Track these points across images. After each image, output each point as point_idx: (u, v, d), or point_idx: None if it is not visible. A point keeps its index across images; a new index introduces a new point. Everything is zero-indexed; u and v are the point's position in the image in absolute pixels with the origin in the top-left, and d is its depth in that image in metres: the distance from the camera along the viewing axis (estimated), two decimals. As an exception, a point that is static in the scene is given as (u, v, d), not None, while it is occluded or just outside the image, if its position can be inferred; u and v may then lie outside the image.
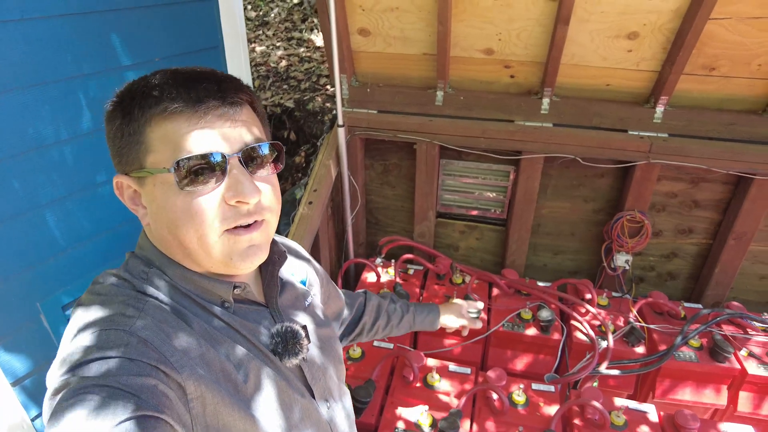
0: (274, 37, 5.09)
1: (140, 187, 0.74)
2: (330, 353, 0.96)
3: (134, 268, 0.77)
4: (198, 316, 0.75)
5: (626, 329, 2.25)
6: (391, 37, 2.34)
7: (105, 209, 2.13)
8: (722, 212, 2.49)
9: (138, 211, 0.77)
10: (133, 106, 0.70)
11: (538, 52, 2.25)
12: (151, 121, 0.69)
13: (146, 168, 0.71)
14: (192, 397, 0.67)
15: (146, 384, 0.61)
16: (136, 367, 0.62)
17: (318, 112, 3.87)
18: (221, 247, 0.72)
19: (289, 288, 0.93)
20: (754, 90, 2.21)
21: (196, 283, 0.76)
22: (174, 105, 0.68)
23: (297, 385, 0.84)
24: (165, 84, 0.70)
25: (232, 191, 0.70)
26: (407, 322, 1.43)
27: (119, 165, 0.75)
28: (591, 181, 2.54)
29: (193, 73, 0.72)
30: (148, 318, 0.69)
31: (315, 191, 2.25)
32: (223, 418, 0.69)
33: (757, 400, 2.14)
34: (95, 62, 1.97)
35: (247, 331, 0.79)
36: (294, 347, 0.81)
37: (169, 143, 0.69)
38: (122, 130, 0.71)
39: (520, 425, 1.79)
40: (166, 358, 0.66)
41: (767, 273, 2.60)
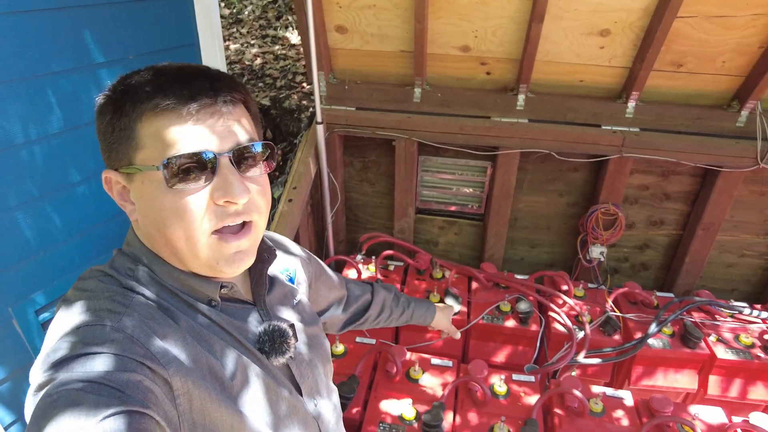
0: (249, 35, 5.03)
1: (129, 183, 0.73)
2: (317, 351, 0.96)
3: (121, 264, 0.76)
4: (184, 313, 0.75)
5: (602, 319, 2.31)
6: (368, 34, 2.34)
7: (79, 211, 2.08)
8: (691, 204, 2.58)
9: (126, 206, 0.76)
10: (124, 100, 0.69)
11: (514, 49, 2.29)
12: (142, 116, 0.68)
13: (135, 164, 0.70)
14: (178, 393, 0.66)
15: (132, 380, 0.61)
16: (122, 363, 0.62)
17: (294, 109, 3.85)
18: (208, 251, 0.71)
19: (277, 286, 0.93)
20: (719, 86, 2.29)
21: (183, 281, 0.76)
22: (166, 101, 0.67)
23: (284, 382, 0.84)
24: (158, 79, 0.69)
25: (221, 191, 0.69)
26: (406, 316, 1.46)
27: (108, 160, 0.73)
28: (566, 175, 2.60)
29: (187, 70, 0.71)
30: (134, 314, 0.68)
31: (294, 189, 2.24)
32: (209, 415, 0.69)
33: (725, 383, 2.23)
34: (66, 59, 1.92)
35: (234, 329, 0.79)
36: (281, 346, 0.81)
37: (160, 140, 0.68)
38: (113, 125, 0.70)
39: (502, 415, 1.83)
40: (152, 354, 0.66)
41: (733, 261, 2.71)
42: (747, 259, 2.69)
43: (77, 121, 1.98)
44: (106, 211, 2.11)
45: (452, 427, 1.83)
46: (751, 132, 2.31)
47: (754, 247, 2.65)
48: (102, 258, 2.04)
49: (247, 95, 0.75)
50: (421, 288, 2.50)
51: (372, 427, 1.82)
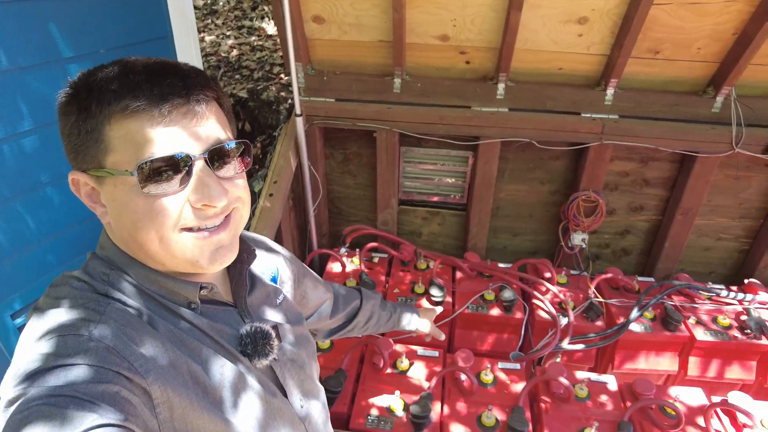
0: (224, 26, 4.93)
1: (99, 186, 0.69)
2: (303, 351, 0.94)
3: (95, 269, 0.73)
4: (163, 318, 0.72)
5: (585, 305, 2.34)
6: (346, 24, 2.31)
7: (53, 211, 2.02)
8: (670, 189, 2.62)
9: (96, 209, 0.72)
10: (90, 100, 0.65)
11: (492, 37, 2.28)
12: (110, 118, 0.64)
13: (106, 168, 0.67)
14: (158, 402, 0.64)
15: (108, 391, 0.59)
16: (97, 374, 0.60)
17: (272, 101, 3.79)
18: (185, 247, 0.69)
19: (258, 286, 0.90)
20: (694, 72, 2.32)
21: (161, 284, 0.73)
22: (136, 103, 0.63)
23: (269, 385, 0.82)
24: (126, 78, 0.65)
25: (198, 194, 0.67)
26: (393, 322, 1.47)
27: (75, 161, 0.70)
28: (546, 163, 2.61)
29: (155, 67, 0.67)
30: (109, 322, 0.65)
31: (275, 183, 2.21)
32: (192, 422, 0.67)
33: (704, 364, 2.28)
34: (32, 55, 1.85)
35: (215, 332, 0.77)
36: (264, 348, 0.80)
37: (131, 143, 0.65)
38: (78, 127, 0.66)
39: (489, 404, 1.84)
40: (130, 363, 0.63)
41: (710, 245, 2.76)
42: (723, 242, 2.75)
43: (47, 119, 1.92)
44: (81, 212, 2.05)
45: (440, 418, 1.84)
46: (726, 118, 2.35)
47: (730, 230, 2.71)
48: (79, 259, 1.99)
49: (219, 92, 0.73)
50: (406, 279, 2.50)
51: (360, 420, 1.82)
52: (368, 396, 1.90)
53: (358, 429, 1.80)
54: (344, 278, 2.46)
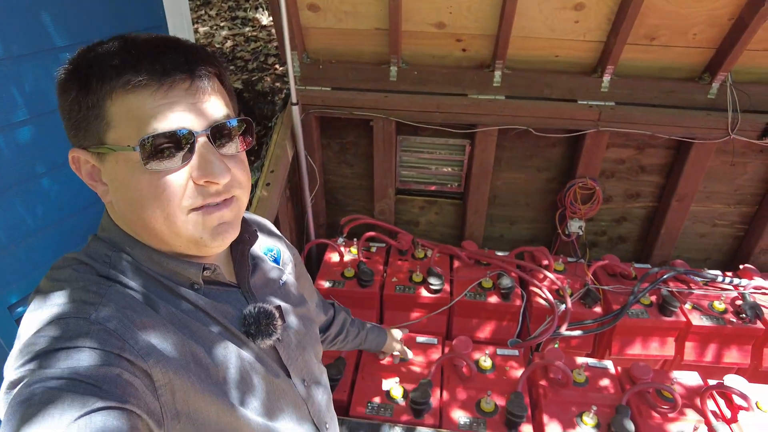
0: (218, 17, 4.90)
1: (100, 163, 0.69)
2: (306, 332, 0.94)
3: (96, 251, 0.73)
4: (166, 300, 0.72)
5: (583, 292, 2.35)
6: (341, 12, 2.29)
7: (48, 202, 2.01)
8: (666, 176, 2.63)
9: (97, 187, 0.72)
10: (90, 76, 0.64)
11: (489, 25, 2.27)
12: (112, 94, 0.64)
13: (107, 144, 0.66)
14: (159, 385, 0.65)
15: (109, 374, 0.59)
16: (99, 357, 0.60)
17: (268, 92, 3.77)
18: (190, 226, 0.69)
19: (261, 267, 0.90)
20: (691, 58, 2.32)
21: (164, 265, 0.73)
22: (138, 78, 0.63)
23: (272, 366, 0.83)
24: (127, 53, 0.64)
25: (200, 171, 0.66)
26: (360, 339, 1.50)
27: (75, 138, 0.69)
28: (543, 151, 2.62)
29: (157, 42, 0.66)
30: (110, 304, 0.65)
31: (272, 173, 2.20)
32: (194, 404, 0.68)
33: (700, 349, 2.30)
34: (25, 44, 1.83)
35: (218, 313, 0.77)
36: (267, 328, 0.80)
37: (133, 119, 0.64)
38: (79, 103, 0.65)
39: (488, 389, 1.85)
40: (131, 345, 0.63)
41: (706, 231, 2.78)
42: (719, 228, 2.76)
43: (42, 108, 1.90)
44: (78, 202, 2.04)
45: (440, 403, 1.85)
46: (722, 104, 2.35)
47: (725, 216, 2.72)
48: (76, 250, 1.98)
49: (221, 68, 0.72)
50: (404, 268, 2.50)
51: (360, 407, 1.83)
52: (368, 383, 1.91)
53: (358, 416, 1.81)
54: (342, 268, 2.46)
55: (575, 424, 1.80)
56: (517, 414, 1.76)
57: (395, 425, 1.68)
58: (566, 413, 1.83)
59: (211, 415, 0.70)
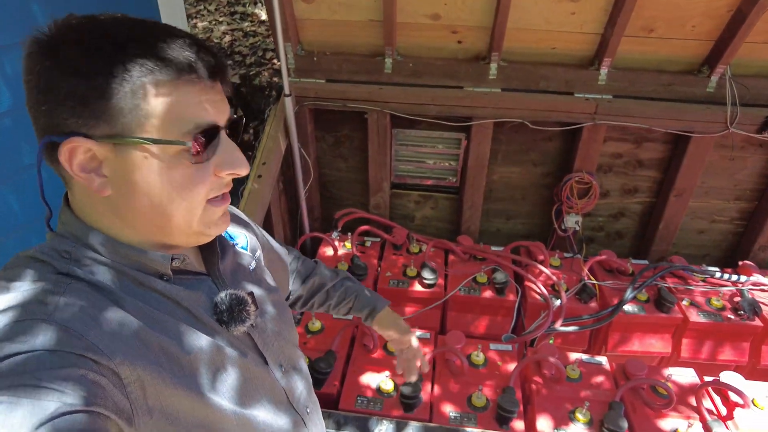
0: (217, 12, 4.88)
1: (114, 155, 0.65)
2: (280, 317, 0.93)
3: (55, 247, 0.69)
4: (132, 294, 0.70)
5: (578, 287, 2.32)
6: (335, 3, 2.27)
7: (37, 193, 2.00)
8: (664, 171, 2.60)
9: (92, 179, 0.66)
10: (126, 62, 0.61)
11: (484, 16, 2.24)
12: (155, 84, 0.62)
13: (138, 136, 0.63)
14: (128, 382, 0.62)
15: (72, 375, 0.56)
16: (59, 359, 0.57)
17: (265, 86, 3.75)
18: (204, 217, 0.71)
19: (230, 254, 0.88)
20: (689, 51, 2.29)
21: (131, 258, 0.71)
22: (193, 74, 0.64)
23: (247, 353, 0.80)
24: (162, 42, 0.63)
25: (227, 164, 0.70)
26: (345, 306, 1.32)
27: (83, 126, 0.63)
28: (540, 145, 2.59)
29: (179, 34, 0.67)
30: (70, 302, 0.62)
31: (264, 164, 2.18)
32: (166, 399, 0.66)
33: (698, 346, 2.27)
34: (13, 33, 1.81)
35: (189, 302, 0.75)
36: (240, 314, 0.77)
37: (171, 112, 0.64)
38: (108, 90, 0.61)
39: (479, 384, 1.83)
40: (94, 344, 0.60)
41: (705, 227, 2.74)
42: (718, 224, 2.73)
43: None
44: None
45: (431, 398, 1.83)
46: (721, 97, 2.32)
47: (724, 212, 2.69)
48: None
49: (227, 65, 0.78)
50: (398, 263, 2.48)
51: (350, 401, 1.81)
52: (358, 377, 1.89)
53: (347, 410, 1.79)
54: (336, 262, 2.44)
55: (568, 420, 1.77)
56: (508, 409, 1.74)
57: (383, 419, 1.65)
58: (559, 409, 1.81)
59: (185, 408, 0.68)
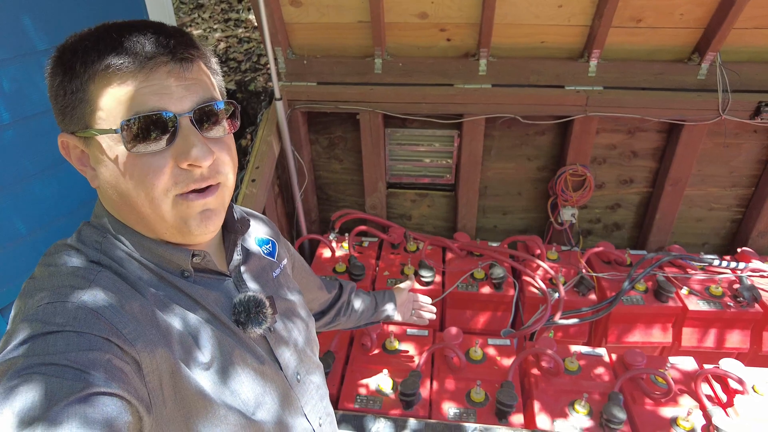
0: (211, 20, 4.90)
1: (87, 148, 0.69)
2: (299, 325, 0.93)
3: (88, 237, 0.73)
4: (155, 287, 0.72)
5: (576, 279, 2.32)
6: (323, 6, 2.28)
7: (38, 205, 2.02)
8: (659, 160, 2.59)
9: (86, 172, 0.72)
10: (74, 61, 0.65)
11: (472, 13, 2.25)
12: (95, 78, 0.65)
13: (92, 128, 0.67)
14: (147, 371, 0.64)
15: (98, 359, 0.58)
16: (86, 341, 0.59)
17: (261, 92, 3.77)
18: (175, 213, 0.69)
19: (254, 258, 0.90)
20: (678, 39, 2.28)
21: (154, 251, 0.73)
22: (120, 61, 0.64)
23: (261, 355, 0.81)
24: (108, 37, 0.65)
25: (183, 154, 0.66)
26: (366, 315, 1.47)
27: (63, 123, 0.70)
28: (533, 139, 2.59)
29: (139, 25, 0.67)
30: (98, 289, 0.65)
31: (257, 168, 2.20)
32: (181, 391, 0.67)
33: (698, 334, 2.26)
34: (6, 48, 1.84)
35: (208, 300, 0.76)
36: (257, 317, 0.79)
37: (115, 102, 0.65)
38: (64, 88, 0.66)
39: (478, 380, 1.83)
40: (119, 330, 0.63)
41: (702, 215, 2.73)
42: (715, 212, 2.72)
43: (25, 112, 1.91)
44: (69, 203, 2.04)
45: (429, 395, 1.84)
46: (712, 84, 2.31)
47: (721, 199, 2.68)
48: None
49: (204, 51, 0.73)
50: (396, 262, 2.49)
51: (349, 400, 1.82)
52: (357, 377, 1.90)
53: (347, 409, 1.79)
54: (334, 263, 2.46)
55: (567, 413, 1.77)
56: (507, 403, 1.74)
57: (379, 417, 1.66)
58: (558, 402, 1.81)
59: (198, 402, 0.69)
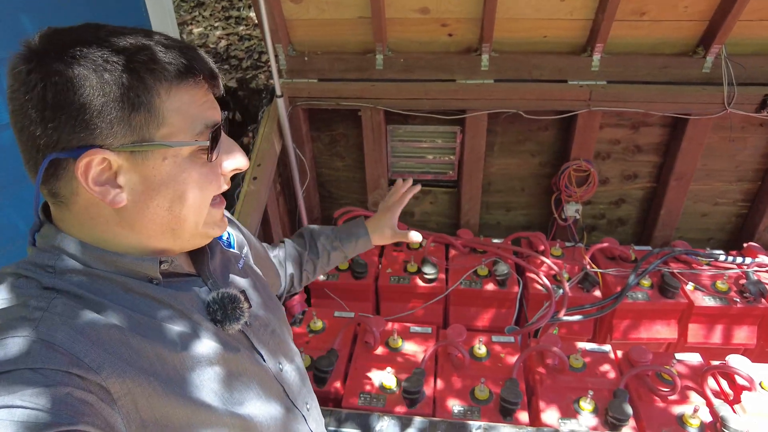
0: (212, 18, 4.89)
1: (129, 163, 0.65)
2: (273, 314, 0.93)
3: (38, 261, 0.68)
4: (121, 302, 0.68)
5: (580, 276, 2.30)
6: (324, 2, 2.27)
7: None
8: (663, 155, 2.57)
9: (106, 192, 0.66)
10: (143, 72, 0.64)
11: (473, 8, 2.23)
12: (170, 90, 0.66)
13: (156, 140, 0.65)
14: (118, 396, 0.61)
15: (57, 394, 0.55)
16: (43, 377, 0.55)
17: (262, 89, 3.76)
18: (207, 219, 0.73)
19: (218, 252, 0.88)
20: (682, 32, 2.26)
21: (118, 265, 0.70)
22: (197, 76, 0.68)
23: (243, 351, 0.80)
24: (179, 51, 0.67)
25: (232, 160, 0.72)
26: (337, 258, 1.34)
27: (99, 138, 0.63)
28: (536, 134, 2.57)
29: (186, 43, 0.70)
30: (55, 318, 0.61)
31: (259, 166, 2.19)
32: (160, 410, 0.65)
33: (704, 330, 2.24)
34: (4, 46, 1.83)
35: (181, 303, 0.74)
36: (234, 312, 0.77)
37: (184, 114, 0.67)
38: (122, 100, 0.63)
39: (482, 377, 1.82)
40: (80, 359, 0.59)
41: (708, 210, 2.71)
42: (721, 207, 2.69)
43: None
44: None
45: (434, 392, 1.83)
46: (717, 78, 2.29)
47: (727, 194, 2.65)
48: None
49: None
50: (399, 259, 2.47)
51: (353, 398, 1.81)
52: (360, 375, 1.89)
53: (350, 407, 1.78)
54: (336, 260, 2.44)
55: (572, 410, 1.76)
56: (512, 401, 1.73)
57: (384, 415, 1.65)
58: (563, 399, 1.79)
59: (180, 416, 0.67)
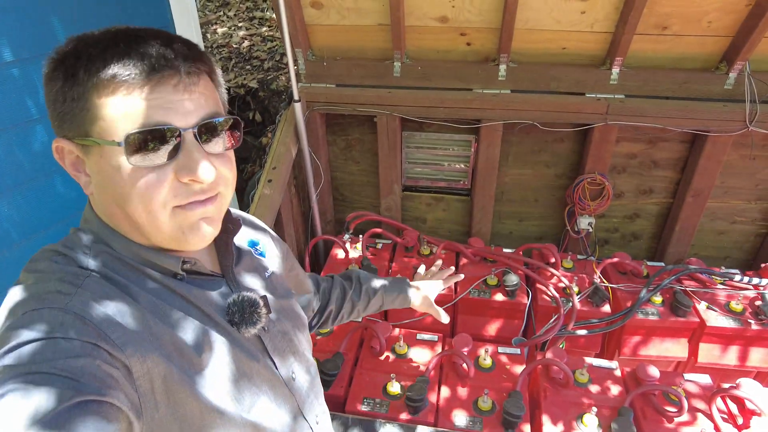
0: (236, 18, 4.97)
1: (84, 155, 0.68)
2: (292, 324, 0.93)
3: (76, 242, 0.72)
4: (147, 291, 0.71)
5: (590, 290, 2.29)
6: (344, 8, 2.29)
7: (58, 199, 2.08)
8: (680, 171, 2.53)
9: (80, 178, 0.71)
10: (77, 67, 0.63)
11: (493, 18, 2.23)
12: (99, 86, 0.63)
13: (92, 137, 0.66)
14: (138, 375, 0.64)
15: (86, 365, 0.58)
16: (74, 347, 0.58)
17: (282, 91, 3.81)
18: (172, 223, 0.69)
19: (246, 258, 0.90)
20: (706, 48, 2.23)
21: (144, 257, 0.73)
22: (127, 72, 0.62)
23: (256, 355, 0.81)
24: (115, 46, 0.63)
25: (186, 169, 0.66)
26: (375, 305, 1.38)
27: (60, 129, 0.68)
28: (551, 146, 2.56)
29: (147, 36, 0.65)
30: (86, 294, 0.65)
31: (274, 169, 2.22)
32: (174, 395, 0.67)
33: (716, 351, 2.21)
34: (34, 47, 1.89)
35: (202, 301, 0.76)
36: (252, 317, 0.78)
37: (119, 113, 0.64)
38: (64, 94, 0.65)
39: (486, 388, 1.82)
40: (107, 335, 0.62)
41: (725, 228, 2.67)
42: (738, 225, 2.65)
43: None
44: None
45: (437, 401, 1.83)
46: (740, 94, 2.25)
47: (745, 213, 2.61)
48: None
49: (211, 65, 0.72)
50: (409, 265, 2.49)
51: (357, 403, 1.83)
52: (365, 380, 1.90)
53: (354, 412, 1.80)
54: (347, 264, 2.47)
55: (575, 426, 1.75)
56: (514, 414, 1.72)
57: (388, 422, 1.67)
58: (566, 414, 1.79)
59: (192, 405, 0.69)
